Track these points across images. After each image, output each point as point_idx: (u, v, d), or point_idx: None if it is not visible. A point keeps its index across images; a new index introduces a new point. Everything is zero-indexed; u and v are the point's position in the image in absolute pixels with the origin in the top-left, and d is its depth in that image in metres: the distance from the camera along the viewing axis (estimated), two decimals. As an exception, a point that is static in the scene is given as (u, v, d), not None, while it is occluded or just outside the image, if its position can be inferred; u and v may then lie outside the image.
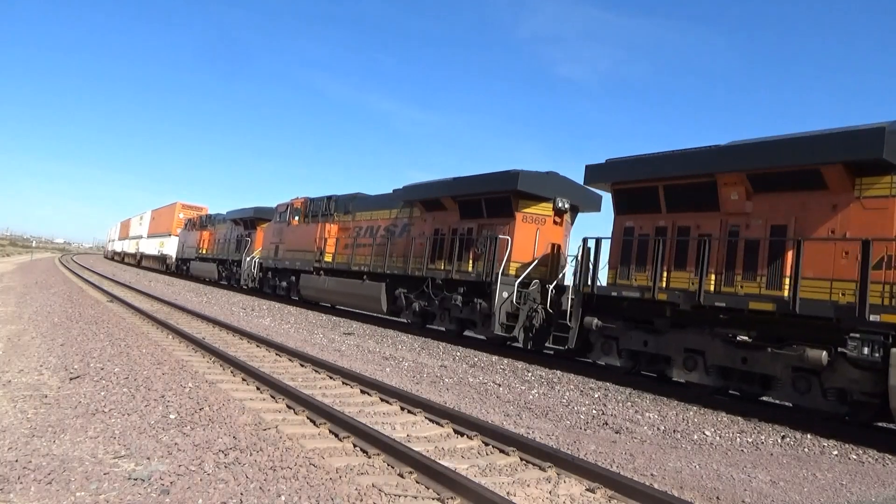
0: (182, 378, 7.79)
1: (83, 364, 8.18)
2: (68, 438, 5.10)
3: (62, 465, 4.45)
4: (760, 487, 5.59)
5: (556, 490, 4.85)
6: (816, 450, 7.29)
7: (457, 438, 6.21)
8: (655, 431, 7.54)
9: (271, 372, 8.68)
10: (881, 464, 6.89)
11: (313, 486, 4.44)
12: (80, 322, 12.51)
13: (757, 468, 6.23)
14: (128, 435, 5.31)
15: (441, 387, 9.28)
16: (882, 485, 6.10)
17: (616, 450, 6.43)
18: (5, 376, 7.17)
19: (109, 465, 4.57)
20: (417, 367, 10.92)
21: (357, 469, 4.96)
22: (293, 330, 15.35)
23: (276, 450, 5.20)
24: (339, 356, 11.33)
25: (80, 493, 4.00)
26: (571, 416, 7.95)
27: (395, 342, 14.39)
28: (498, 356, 13.06)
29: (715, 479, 5.67)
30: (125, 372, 7.88)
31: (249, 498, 4.16)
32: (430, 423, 6.69)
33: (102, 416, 5.80)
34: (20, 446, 4.79)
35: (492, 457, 5.64)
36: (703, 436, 7.48)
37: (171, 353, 9.82)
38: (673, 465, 6.02)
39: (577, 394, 9.60)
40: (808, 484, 5.87)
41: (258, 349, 11.19)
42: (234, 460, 4.86)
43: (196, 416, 6.08)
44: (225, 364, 9.11)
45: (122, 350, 9.52)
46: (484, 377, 10.42)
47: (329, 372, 9.19)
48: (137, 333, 11.62)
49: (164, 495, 4.08)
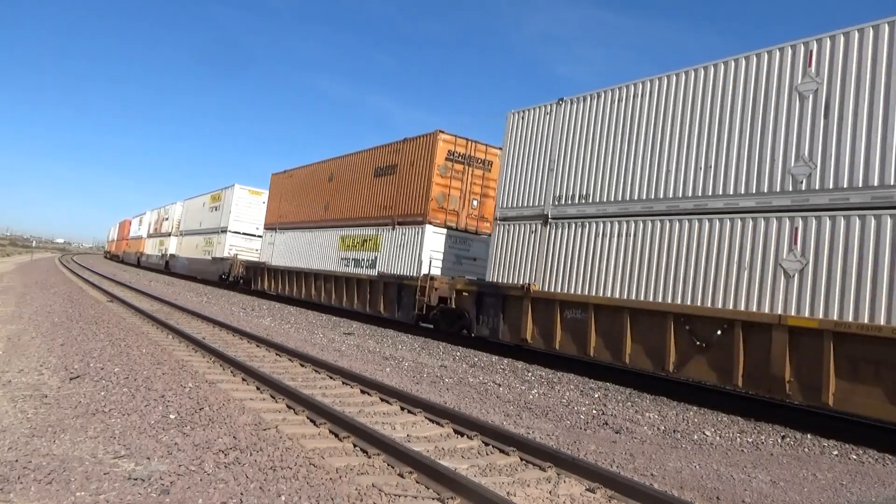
0: (182, 378, 7.79)
1: (83, 364, 8.18)
2: (68, 438, 5.09)
3: (62, 465, 4.45)
4: (760, 487, 5.58)
5: (556, 490, 4.85)
6: (816, 450, 7.30)
7: (457, 438, 6.21)
8: (655, 431, 7.54)
9: (271, 372, 8.68)
10: (881, 464, 6.90)
11: (313, 486, 4.44)
12: (81, 322, 12.51)
13: (757, 468, 6.23)
14: (128, 435, 5.31)
15: (441, 387, 9.28)
16: (882, 485, 6.10)
17: (616, 450, 6.43)
18: (5, 376, 7.17)
19: (109, 464, 4.56)
20: (417, 367, 10.92)
21: (357, 469, 4.96)
22: (293, 330, 15.35)
23: (276, 450, 5.19)
24: (339, 356, 11.33)
25: (80, 493, 4.00)
26: (571, 416, 7.95)
27: (395, 342, 14.40)
28: (498, 356, 13.07)
29: (715, 479, 5.67)
30: (125, 372, 7.88)
31: (249, 498, 4.15)
32: (430, 423, 6.68)
33: (102, 416, 5.80)
34: (20, 446, 4.79)
35: (492, 457, 5.64)
36: (703, 436, 7.49)
37: (171, 353, 9.81)
38: (673, 465, 6.02)
39: (577, 394, 9.60)
40: (808, 484, 5.87)
41: (258, 349, 11.19)
42: (234, 460, 4.86)
43: (196, 416, 6.08)
44: (225, 364, 9.11)
45: (122, 350, 9.52)
46: (484, 377, 10.42)
47: (329, 372, 9.19)
48: (137, 333, 11.62)
49: (164, 495, 4.08)
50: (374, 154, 20.55)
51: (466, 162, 17.57)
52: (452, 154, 17.35)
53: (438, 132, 17.22)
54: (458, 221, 17.54)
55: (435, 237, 17.07)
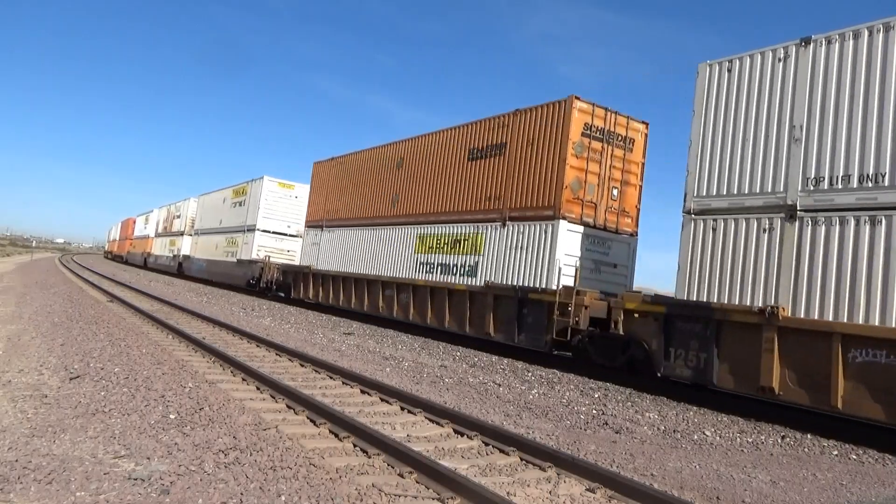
0: (182, 378, 7.79)
1: (83, 364, 8.18)
2: (68, 438, 5.09)
3: (62, 464, 4.45)
4: (760, 487, 5.59)
5: (556, 490, 4.85)
6: (816, 450, 7.30)
7: (457, 438, 6.21)
8: (655, 431, 7.54)
9: (271, 372, 8.68)
10: (881, 464, 6.90)
11: (313, 486, 4.44)
12: (81, 322, 12.51)
13: (757, 468, 6.24)
14: (128, 435, 5.31)
15: (441, 387, 9.28)
16: (882, 485, 6.10)
17: (616, 450, 6.43)
18: (5, 376, 7.17)
19: (109, 464, 4.56)
20: (417, 367, 10.92)
21: (357, 469, 4.96)
22: (293, 330, 15.36)
23: (276, 450, 5.20)
24: (339, 356, 11.33)
25: (80, 493, 4.00)
26: (571, 416, 7.95)
27: (395, 342, 14.40)
28: (498, 356, 13.06)
29: (715, 479, 5.67)
30: (125, 372, 7.88)
31: (249, 498, 4.15)
32: (430, 423, 6.69)
33: (102, 416, 5.80)
34: (20, 446, 4.79)
35: (492, 457, 5.64)
36: (703, 436, 7.49)
37: (171, 353, 9.82)
38: (673, 465, 6.03)
39: (577, 394, 9.60)
40: (808, 484, 5.87)
41: (258, 349, 11.19)
42: (234, 460, 4.86)
43: (196, 416, 6.08)
44: (225, 364, 9.11)
45: (122, 350, 9.52)
46: (484, 377, 10.42)
47: (329, 372, 9.19)
48: (137, 333, 11.62)
49: (164, 495, 4.08)
50: (466, 132, 16.33)
51: (605, 139, 13.64)
52: (589, 128, 13.41)
53: (574, 98, 13.26)
54: (597, 216, 13.55)
55: (570, 237, 13.07)
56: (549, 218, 13.20)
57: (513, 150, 14.58)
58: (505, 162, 14.75)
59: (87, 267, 45.49)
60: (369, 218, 20.11)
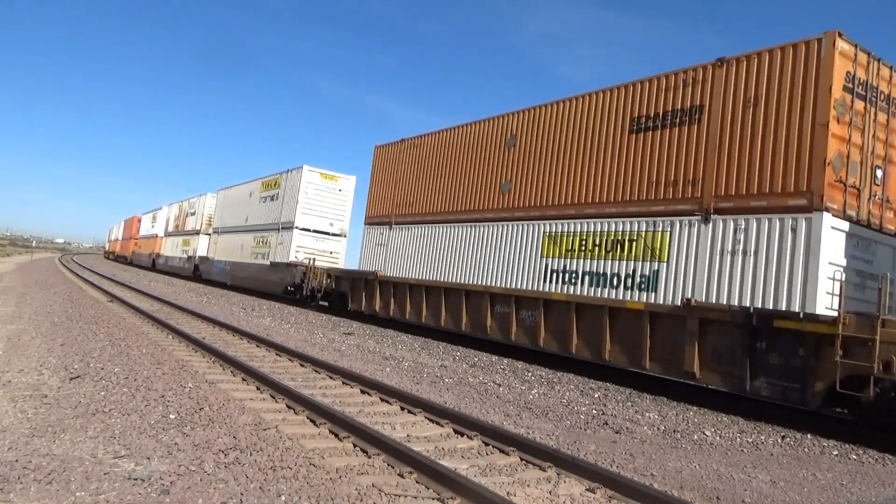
0: (182, 378, 7.79)
1: (83, 364, 8.18)
2: (68, 438, 5.09)
3: (62, 465, 4.45)
4: (760, 487, 5.59)
5: (556, 490, 4.85)
6: (816, 450, 7.30)
7: (457, 438, 6.21)
8: (655, 431, 7.54)
9: (271, 372, 8.68)
10: (881, 464, 6.90)
11: (313, 486, 4.44)
12: (81, 322, 12.51)
13: (757, 468, 6.24)
14: (128, 435, 5.31)
15: (441, 387, 9.28)
16: (882, 485, 6.10)
17: (616, 450, 6.43)
18: (5, 376, 7.17)
19: (109, 465, 4.57)
20: (417, 367, 10.92)
21: (357, 469, 4.96)
22: (293, 330, 15.36)
23: (276, 450, 5.20)
24: (339, 356, 11.33)
25: (80, 493, 4.00)
26: (571, 416, 7.95)
27: (395, 342, 14.41)
28: (498, 356, 13.06)
29: (715, 479, 5.67)
30: (125, 372, 7.88)
31: (249, 498, 4.16)
32: (430, 423, 6.69)
33: (102, 416, 5.80)
34: (20, 446, 4.79)
35: (492, 457, 5.64)
36: (703, 436, 7.49)
37: (171, 353, 9.82)
38: (673, 465, 6.03)
39: (577, 394, 9.60)
40: (808, 484, 5.87)
41: (258, 349, 11.19)
42: (234, 460, 4.86)
43: (196, 416, 6.08)
44: (225, 364, 9.11)
45: (122, 350, 9.52)
46: (484, 377, 10.42)
47: (329, 372, 9.19)
48: (137, 333, 11.62)
49: (164, 495, 4.08)
50: (628, 94, 12.18)
51: (869, 99, 9.70)
52: (852, 80, 9.43)
53: (835, 35, 9.23)
54: (860, 208, 9.61)
55: (834, 237, 9.16)
56: (800, 210, 9.23)
57: (717, 114, 10.53)
58: (703, 131, 10.73)
59: (87, 267, 45.48)
60: (464, 212, 16.02)
